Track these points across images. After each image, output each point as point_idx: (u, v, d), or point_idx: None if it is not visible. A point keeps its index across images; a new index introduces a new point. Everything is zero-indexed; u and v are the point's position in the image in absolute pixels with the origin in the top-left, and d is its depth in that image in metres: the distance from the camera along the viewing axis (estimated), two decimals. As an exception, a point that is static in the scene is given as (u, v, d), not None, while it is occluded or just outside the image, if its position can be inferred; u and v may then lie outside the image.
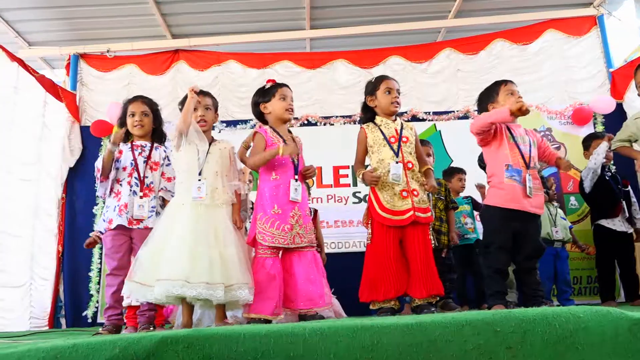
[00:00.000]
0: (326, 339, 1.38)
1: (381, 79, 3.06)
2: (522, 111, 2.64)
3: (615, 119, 5.33)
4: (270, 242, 2.67)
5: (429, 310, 2.65)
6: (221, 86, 6.24)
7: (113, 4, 5.70)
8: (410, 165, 2.86)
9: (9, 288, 4.77)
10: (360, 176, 2.91)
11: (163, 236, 2.60)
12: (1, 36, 5.71)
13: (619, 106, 5.64)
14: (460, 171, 4.64)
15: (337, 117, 5.95)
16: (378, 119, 3.01)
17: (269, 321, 2.63)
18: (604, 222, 4.05)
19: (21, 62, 4.89)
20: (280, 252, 2.79)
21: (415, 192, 2.80)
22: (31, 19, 5.68)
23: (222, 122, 5.87)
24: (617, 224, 3.83)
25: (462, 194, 4.64)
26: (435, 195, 3.79)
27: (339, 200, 5.65)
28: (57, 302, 5.22)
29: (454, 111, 5.92)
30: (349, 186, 5.69)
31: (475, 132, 2.81)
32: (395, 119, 3.03)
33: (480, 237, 3.66)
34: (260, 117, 3.07)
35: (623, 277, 4.15)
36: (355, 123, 6.03)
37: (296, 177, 2.80)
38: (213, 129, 3.12)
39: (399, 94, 3.04)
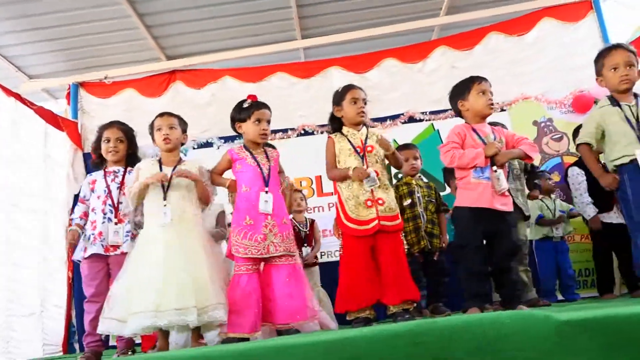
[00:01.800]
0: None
1: (347, 88, 3.04)
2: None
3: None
4: (243, 254, 2.67)
5: (403, 317, 2.60)
6: (219, 103, 6.27)
7: (107, 32, 5.86)
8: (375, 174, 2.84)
9: (21, 317, 4.90)
10: (350, 172, 2.86)
11: (134, 269, 2.64)
12: (2, 72, 5.92)
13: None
14: None
15: (334, 124, 5.92)
16: (345, 129, 3.01)
17: (246, 339, 2.63)
18: (600, 216, 3.91)
19: (18, 96, 5.04)
20: (262, 265, 2.79)
21: (380, 201, 2.78)
22: (30, 53, 5.88)
23: (221, 138, 5.93)
24: (612, 217, 3.70)
25: None
26: (426, 198, 3.74)
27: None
28: (70, 327, 5.34)
29: (451, 109, 5.82)
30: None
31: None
32: (361, 129, 3.01)
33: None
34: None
35: (622, 269, 3.99)
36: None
37: (266, 189, 2.80)
38: (186, 150, 3.15)
39: (365, 103, 3.01)
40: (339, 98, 3.03)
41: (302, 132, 5.96)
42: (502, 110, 5.81)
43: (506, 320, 1.37)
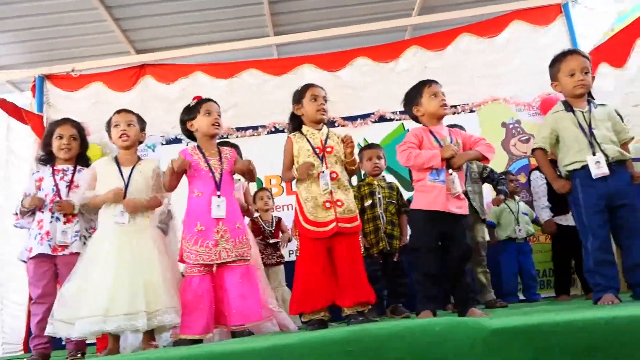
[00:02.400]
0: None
1: (307, 87, 3.02)
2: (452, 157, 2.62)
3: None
4: (194, 260, 2.64)
5: (357, 320, 2.59)
6: (189, 98, 6.15)
7: (74, 23, 5.73)
8: (334, 175, 2.82)
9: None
10: (295, 172, 2.84)
11: (85, 270, 2.59)
12: (-35, 63, 5.76)
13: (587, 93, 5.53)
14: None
15: (305, 122, 5.89)
16: (305, 129, 2.98)
17: (199, 341, 2.60)
18: (557, 219, 3.96)
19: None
20: (215, 268, 2.76)
21: (339, 203, 2.75)
22: (-6, 43, 5.72)
23: (190, 134, 5.86)
24: (569, 219, 3.73)
25: None
26: (387, 199, 3.73)
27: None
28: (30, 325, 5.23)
29: (422, 109, 5.84)
30: (320, 191, 5.64)
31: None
32: (321, 128, 2.98)
33: None
34: (190, 135, 3.04)
35: (579, 271, 4.06)
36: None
37: (218, 193, 2.76)
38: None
39: (325, 101, 2.99)
40: (299, 96, 3.01)
41: (273, 129, 5.92)
42: (472, 111, 5.86)
43: (437, 328, 1.36)
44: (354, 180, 4.75)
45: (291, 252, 5.04)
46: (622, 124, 2.78)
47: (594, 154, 2.61)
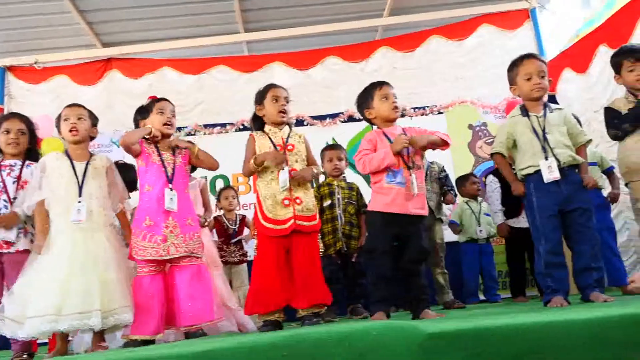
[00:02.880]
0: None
1: (268, 87, 2.99)
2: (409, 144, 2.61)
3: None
4: (142, 256, 2.58)
5: (311, 322, 2.58)
6: (156, 94, 6.04)
7: (39, 14, 5.60)
8: (294, 173, 2.80)
9: None
10: (251, 164, 2.81)
11: (37, 267, 2.50)
12: None
13: (552, 98, 5.63)
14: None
15: (273, 121, 5.85)
16: (267, 128, 2.96)
17: (150, 341, 2.56)
18: (510, 222, 4.01)
19: None
20: (168, 267, 2.71)
21: (298, 200, 2.74)
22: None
23: (157, 130, 5.76)
24: (521, 222, 3.78)
25: None
26: (346, 200, 3.73)
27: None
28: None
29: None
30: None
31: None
32: (283, 128, 2.97)
33: None
34: None
35: (534, 272, 4.11)
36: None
37: (170, 186, 2.71)
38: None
39: (287, 102, 2.96)
40: (260, 97, 2.98)
41: (241, 127, 5.85)
42: (440, 112, 5.91)
43: (374, 332, 1.36)
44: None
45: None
46: (578, 128, 2.81)
47: (546, 158, 2.64)
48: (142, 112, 2.95)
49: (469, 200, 4.42)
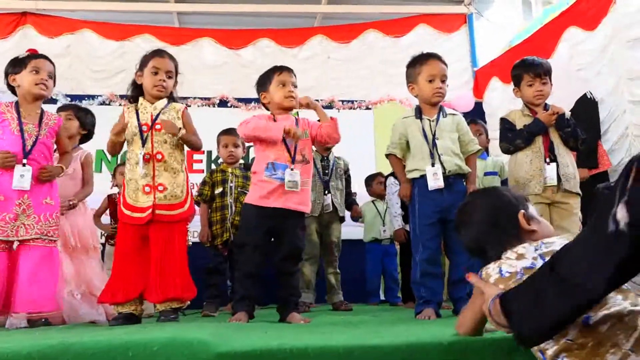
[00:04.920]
0: None
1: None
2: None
3: (474, 117, 5.32)
4: (-13, 232, 2.32)
5: (167, 317, 2.38)
6: (74, 57, 5.76)
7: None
8: (159, 157, 2.48)
9: None
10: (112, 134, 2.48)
11: None
12: None
13: (479, 105, 5.65)
14: None
15: (195, 98, 5.59)
16: (140, 100, 2.58)
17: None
18: (408, 227, 3.95)
19: None
20: (16, 244, 2.45)
21: (160, 188, 2.45)
22: None
23: (68, 95, 5.40)
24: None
25: None
26: (239, 189, 3.52)
27: (192, 187, 5.32)
28: None
29: (319, 100, 5.71)
30: (203, 172, 5.38)
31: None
32: (155, 103, 2.55)
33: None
34: (14, 91, 2.68)
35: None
36: (214, 106, 5.74)
37: (24, 161, 2.45)
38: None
39: (169, 78, 2.63)
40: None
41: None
42: (368, 108, 5.82)
43: (155, 347, 1.19)
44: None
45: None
46: (469, 135, 2.73)
47: (433, 164, 2.55)
48: (14, 65, 2.63)
49: (375, 199, 4.33)
